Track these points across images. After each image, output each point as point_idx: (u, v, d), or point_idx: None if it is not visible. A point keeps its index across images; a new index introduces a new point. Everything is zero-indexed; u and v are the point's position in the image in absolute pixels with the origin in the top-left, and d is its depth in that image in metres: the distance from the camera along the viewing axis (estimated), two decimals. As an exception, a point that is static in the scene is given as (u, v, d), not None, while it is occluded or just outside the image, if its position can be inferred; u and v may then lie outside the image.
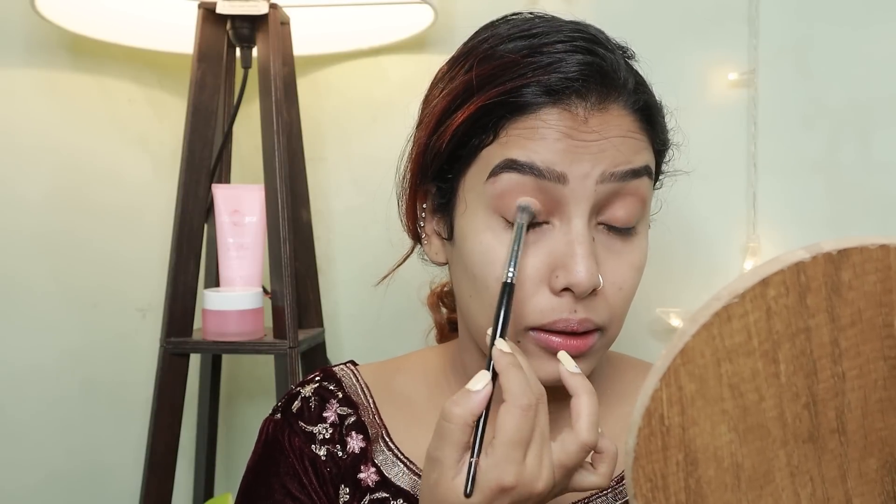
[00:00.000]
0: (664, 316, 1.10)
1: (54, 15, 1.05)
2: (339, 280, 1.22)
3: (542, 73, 0.57)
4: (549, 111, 0.57)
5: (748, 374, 0.41)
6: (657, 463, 0.42)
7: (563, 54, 0.58)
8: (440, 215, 0.65)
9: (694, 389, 0.41)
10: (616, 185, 0.58)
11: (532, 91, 0.57)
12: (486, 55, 0.61)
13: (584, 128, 0.57)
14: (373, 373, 0.73)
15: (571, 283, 0.56)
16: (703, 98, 1.10)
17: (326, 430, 0.69)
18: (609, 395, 0.70)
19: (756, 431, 0.42)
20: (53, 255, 1.17)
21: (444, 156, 0.62)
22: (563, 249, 0.57)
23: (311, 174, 1.14)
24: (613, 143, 0.58)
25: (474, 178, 0.60)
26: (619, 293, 0.60)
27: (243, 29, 1.03)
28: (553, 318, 0.58)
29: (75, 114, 1.18)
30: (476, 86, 0.59)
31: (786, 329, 0.41)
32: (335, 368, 0.74)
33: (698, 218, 1.11)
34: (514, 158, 0.57)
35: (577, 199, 0.57)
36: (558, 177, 0.57)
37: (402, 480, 0.66)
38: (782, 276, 0.40)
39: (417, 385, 0.72)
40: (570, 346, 0.58)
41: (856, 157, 1.07)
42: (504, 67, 0.59)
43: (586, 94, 0.58)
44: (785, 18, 1.08)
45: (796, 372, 0.41)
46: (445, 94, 0.62)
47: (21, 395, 1.17)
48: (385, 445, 0.68)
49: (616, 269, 0.60)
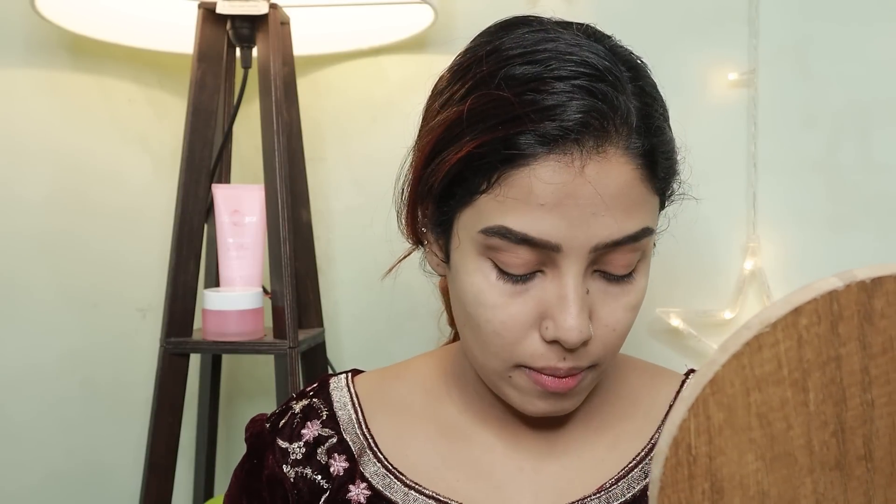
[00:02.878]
0: (664, 316, 1.10)
1: (54, 15, 1.05)
2: (339, 280, 1.22)
3: (538, 118, 0.54)
4: (544, 163, 0.54)
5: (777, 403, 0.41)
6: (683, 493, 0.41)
7: (563, 96, 0.54)
8: (439, 236, 0.64)
9: (722, 419, 0.41)
10: (612, 248, 0.57)
11: (526, 140, 0.54)
12: (482, 81, 0.57)
13: (580, 180, 0.54)
14: (370, 382, 0.72)
15: (561, 338, 0.56)
16: (703, 98, 1.10)
17: (300, 450, 0.68)
18: (612, 398, 0.70)
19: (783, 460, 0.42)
20: (53, 255, 1.17)
21: (437, 192, 0.60)
22: (554, 301, 0.56)
23: (311, 174, 1.14)
24: (609, 204, 0.55)
25: (469, 221, 0.58)
26: (612, 334, 0.59)
27: (243, 29, 1.03)
28: (542, 363, 0.58)
29: (75, 114, 1.18)
30: (467, 122, 0.56)
31: (816, 357, 0.40)
32: (332, 380, 0.73)
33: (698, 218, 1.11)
34: (507, 227, 0.55)
35: (570, 261, 0.56)
36: (552, 247, 0.55)
37: (393, 492, 0.65)
38: (815, 304, 0.40)
39: (414, 392, 0.71)
40: (561, 384, 0.58)
41: (856, 157, 1.07)
42: (497, 107, 0.55)
43: (583, 140, 0.54)
44: (785, 18, 1.08)
45: (825, 400, 0.41)
46: (441, 121, 0.59)
47: (21, 396, 1.17)
48: (374, 457, 0.67)
49: (611, 313, 0.59)
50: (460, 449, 0.67)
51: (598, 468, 0.66)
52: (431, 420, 0.69)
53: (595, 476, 0.65)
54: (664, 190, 0.61)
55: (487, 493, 0.65)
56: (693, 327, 1.09)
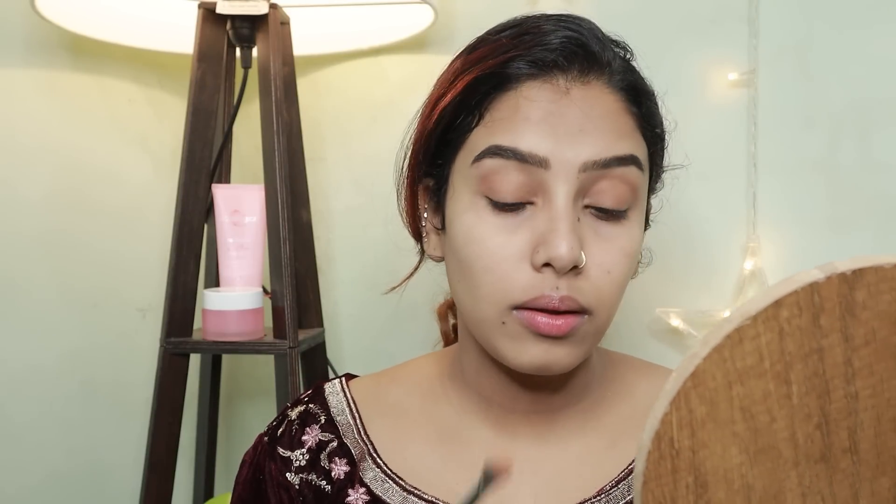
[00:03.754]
0: (664, 316, 1.10)
1: (54, 15, 1.05)
2: (339, 280, 1.22)
3: (524, 47, 0.59)
4: (530, 85, 0.58)
5: (759, 396, 0.41)
6: (667, 486, 0.42)
7: (548, 31, 0.60)
8: (437, 208, 0.65)
9: (704, 412, 0.41)
10: (600, 171, 0.58)
11: (514, 65, 0.59)
12: (476, 43, 0.63)
13: (566, 101, 0.58)
14: (365, 387, 0.72)
15: (551, 257, 0.56)
16: (703, 98, 1.10)
17: (303, 457, 0.68)
18: (609, 395, 0.69)
19: (767, 453, 0.42)
20: (53, 255, 1.17)
21: (434, 140, 0.63)
22: (545, 227, 0.57)
23: (311, 174, 1.14)
24: (595, 124, 0.58)
25: (462, 163, 0.61)
26: (606, 276, 0.59)
27: (243, 29, 1.03)
28: (534, 294, 0.57)
29: (75, 114, 1.18)
30: (462, 69, 0.61)
31: (798, 350, 0.41)
32: (326, 386, 0.73)
33: (698, 218, 1.11)
34: (497, 144, 0.58)
35: (559, 182, 0.57)
36: (540, 161, 0.57)
37: (391, 497, 0.65)
38: (796, 297, 0.40)
39: (411, 395, 0.70)
40: (553, 326, 0.57)
41: (856, 157, 1.07)
42: (490, 49, 0.61)
43: (568, 67, 0.59)
44: (785, 18, 1.08)
45: (808, 392, 0.41)
46: (438, 83, 0.65)
47: (21, 396, 1.17)
48: (373, 462, 0.67)
49: (603, 252, 0.59)
50: (459, 451, 0.67)
51: (596, 468, 0.66)
52: (429, 423, 0.68)
53: (594, 476, 0.65)
54: (651, 139, 0.63)
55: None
56: (693, 327, 1.09)
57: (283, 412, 0.72)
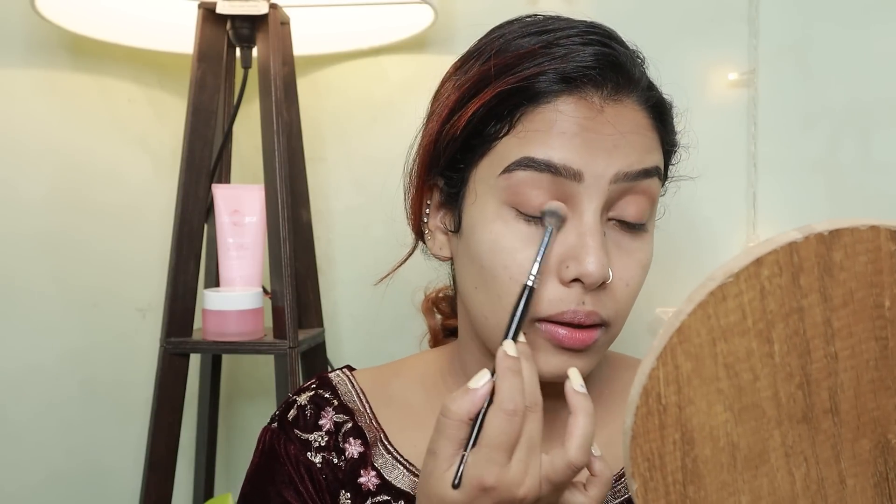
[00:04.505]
0: (664, 316, 1.09)
1: (54, 15, 1.05)
2: (339, 280, 1.22)
3: (558, 62, 0.58)
4: (565, 100, 0.58)
5: (743, 354, 0.42)
6: (654, 442, 0.42)
7: (579, 46, 0.59)
8: (447, 208, 0.65)
9: (690, 368, 0.41)
10: (628, 184, 0.59)
11: (548, 78, 0.58)
12: (501, 48, 0.62)
13: (600, 118, 0.58)
14: (369, 378, 0.73)
15: (582, 273, 0.57)
16: (703, 98, 1.10)
17: (322, 438, 0.69)
18: (607, 395, 0.70)
19: (751, 411, 0.42)
20: (53, 255, 1.17)
21: (457, 144, 0.62)
22: (574, 241, 0.58)
23: (311, 174, 1.14)
24: (627, 139, 0.58)
25: (486, 170, 0.60)
26: (625, 289, 0.60)
27: (243, 29, 1.03)
28: (562, 308, 0.58)
29: (75, 114, 1.18)
30: (494, 74, 0.60)
31: (779, 309, 0.41)
32: (331, 375, 0.74)
33: (698, 218, 1.11)
34: (531, 156, 0.58)
35: (590, 195, 0.58)
36: (574, 174, 0.57)
37: (402, 483, 0.66)
38: (776, 255, 0.41)
39: (415, 389, 0.71)
40: (576, 339, 0.58)
41: (856, 157, 1.07)
42: (521, 57, 0.60)
43: (602, 84, 0.59)
44: (785, 18, 1.08)
45: (790, 352, 0.42)
46: (459, 84, 0.63)
47: (21, 396, 1.17)
48: (384, 448, 0.68)
49: (625, 266, 0.60)
50: None
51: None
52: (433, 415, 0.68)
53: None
54: (668, 151, 0.65)
55: None
56: (693, 327, 1.09)
57: (288, 400, 0.73)
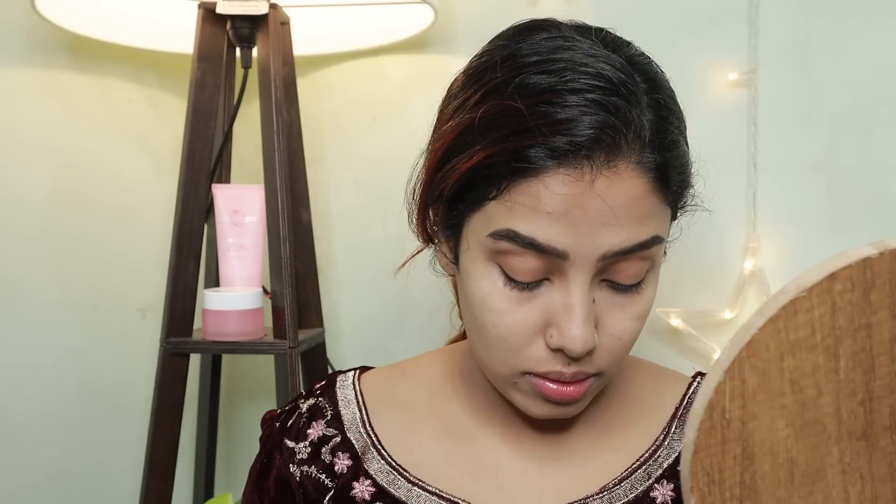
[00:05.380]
0: (664, 316, 1.10)
1: (54, 15, 1.05)
2: (339, 280, 1.22)
3: (549, 132, 0.53)
4: (554, 175, 0.54)
5: (809, 369, 0.41)
6: (715, 456, 0.42)
7: (575, 110, 0.53)
8: (448, 238, 0.64)
9: (756, 383, 0.41)
10: (620, 257, 0.56)
11: (536, 153, 0.54)
12: (496, 88, 0.56)
13: (590, 193, 0.54)
14: (376, 380, 0.73)
15: (565, 347, 0.56)
16: (703, 98, 1.10)
17: (305, 450, 0.69)
18: (618, 399, 0.70)
19: (812, 427, 0.42)
20: (53, 255, 1.17)
21: (447, 198, 0.60)
22: (559, 310, 0.56)
23: (311, 174, 1.14)
24: (619, 215, 0.54)
25: (478, 226, 0.58)
26: (617, 343, 0.59)
27: (243, 29, 1.03)
28: (547, 368, 0.58)
29: (75, 114, 1.18)
30: (478, 130, 0.56)
31: (849, 325, 0.41)
32: (339, 377, 0.73)
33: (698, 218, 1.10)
34: (515, 231, 0.55)
35: (576, 270, 0.56)
36: (559, 254, 0.55)
37: (397, 489, 0.66)
38: (849, 271, 0.40)
39: (420, 390, 0.71)
40: (565, 394, 0.58)
41: (856, 157, 1.07)
42: (509, 117, 0.54)
43: (594, 156, 0.53)
44: (785, 18, 1.08)
45: (855, 368, 0.42)
46: (453, 127, 0.59)
47: (21, 396, 1.17)
48: (377, 454, 0.67)
49: (618, 321, 0.58)
50: (465, 448, 0.67)
51: (602, 469, 0.66)
52: (436, 418, 0.69)
53: (599, 477, 0.65)
54: (676, 202, 0.61)
55: (491, 492, 0.65)
56: (693, 327, 1.09)
57: (296, 401, 0.73)
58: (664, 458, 0.66)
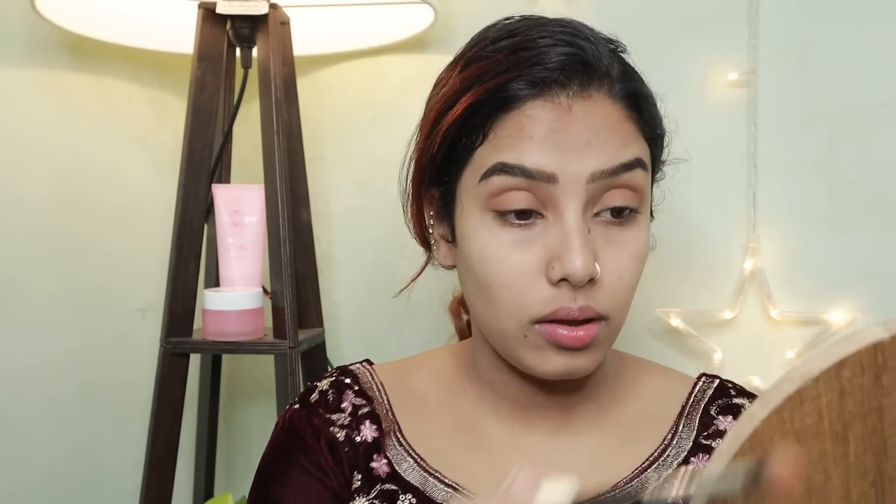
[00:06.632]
0: (664, 316, 1.10)
1: (54, 15, 1.05)
2: (339, 280, 1.22)
3: (524, 67, 0.59)
4: (533, 104, 0.58)
5: (816, 456, 0.40)
6: None
7: (545, 48, 0.59)
8: (444, 219, 0.66)
9: None
10: (607, 180, 0.59)
11: (515, 86, 0.59)
12: (473, 57, 0.62)
13: (569, 118, 0.58)
14: (388, 372, 0.74)
15: (567, 273, 0.57)
16: (703, 98, 1.10)
17: (345, 418, 0.69)
18: (622, 394, 0.70)
19: None
20: (53, 255, 1.17)
21: (438, 159, 0.63)
22: (558, 242, 0.58)
23: (311, 174, 1.14)
24: (599, 136, 0.58)
25: (469, 180, 0.61)
26: (619, 282, 0.60)
27: (243, 29, 1.03)
28: (554, 307, 0.58)
29: (75, 114, 1.18)
30: (462, 88, 0.61)
31: (858, 409, 0.40)
32: (351, 367, 0.74)
33: (698, 218, 1.11)
34: (504, 161, 0.58)
35: (568, 196, 0.58)
36: (548, 177, 0.58)
37: (411, 476, 0.67)
38: (859, 356, 0.39)
39: (430, 385, 0.72)
40: (575, 338, 0.59)
41: (856, 157, 1.07)
42: (489, 67, 0.60)
43: (568, 84, 0.59)
44: (785, 18, 1.08)
45: (866, 451, 0.41)
46: (438, 98, 0.64)
47: (21, 396, 1.17)
48: (397, 441, 0.68)
49: (616, 259, 0.60)
50: (476, 441, 0.68)
51: (609, 465, 0.66)
52: (449, 412, 0.70)
53: (605, 473, 0.66)
54: (653, 139, 0.64)
55: None
56: (693, 327, 1.09)
57: (309, 386, 0.74)
58: (673, 458, 0.67)
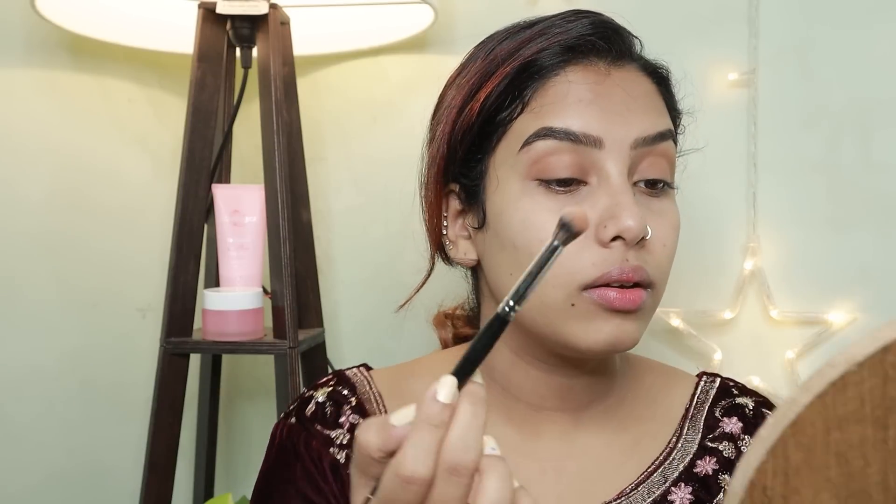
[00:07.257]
0: (664, 316, 1.10)
1: (54, 15, 1.05)
2: (339, 280, 1.22)
3: (559, 36, 0.61)
4: (572, 69, 0.60)
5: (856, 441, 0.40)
6: None
7: (575, 21, 0.62)
8: (468, 208, 0.65)
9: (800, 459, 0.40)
10: (647, 148, 0.60)
11: (552, 52, 0.60)
12: (505, 36, 0.64)
13: (609, 83, 0.60)
14: (386, 379, 0.72)
15: (622, 229, 0.57)
16: (703, 98, 1.10)
17: (343, 435, 0.67)
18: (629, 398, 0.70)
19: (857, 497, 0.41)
20: (53, 255, 1.17)
21: (473, 133, 0.63)
22: (608, 203, 0.58)
23: (311, 174, 1.14)
24: (639, 104, 0.60)
25: (505, 152, 0.61)
26: (663, 249, 0.61)
27: (243, 29, 1.03)
28: (605, 268, 0.57)
29: (75, 114, 1.18)
30: (499, 60, 0.62)
31: None
32: (349, 373, 0.72)
33: (698, 218, 1.11)
34: (549, 126, 0.59)
35: (613, 159, 0.59)
36: (594, 141, 0.58)
37: None
38: None
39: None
40: (627, 299, 0.58)
41: (856, 157, 1.07)
42: (525, 39, 0.62)
43: (605, 51, 0.61)
44: (785, 19, 1.08)
45: None
46: (463, 84, 0.64)
47: (21, 396, 1.17)
48: None
49: (659, 225, 0.61)
50: None
51: (617, 471, 0.66)
52: None
53: (614, 478, 0.65)
54: (674, 118, 0.66)
55: None
56: (693, 327, 1.09)
57: (304, 396, 0.71)
58: (679, 461, 0.66)
